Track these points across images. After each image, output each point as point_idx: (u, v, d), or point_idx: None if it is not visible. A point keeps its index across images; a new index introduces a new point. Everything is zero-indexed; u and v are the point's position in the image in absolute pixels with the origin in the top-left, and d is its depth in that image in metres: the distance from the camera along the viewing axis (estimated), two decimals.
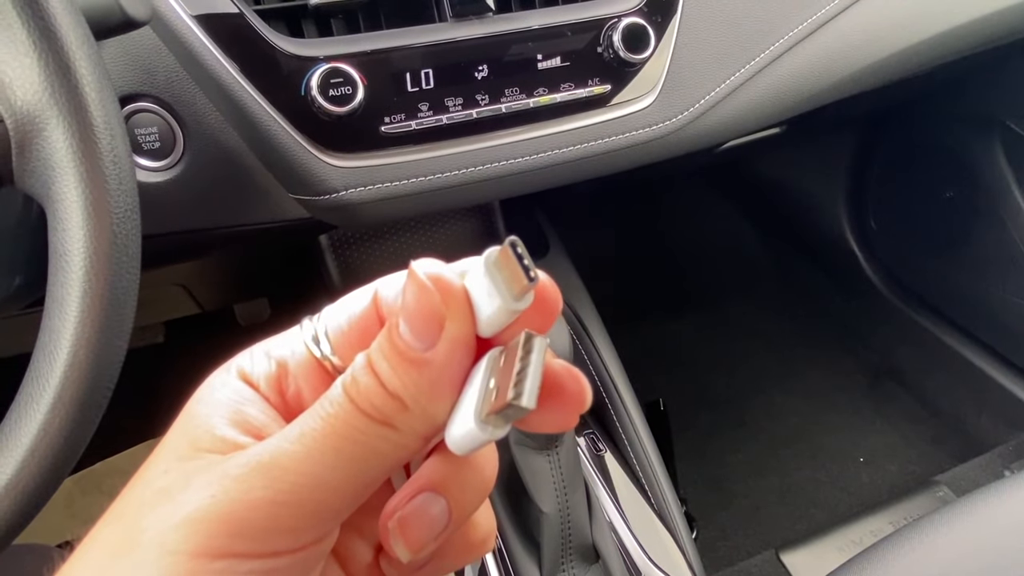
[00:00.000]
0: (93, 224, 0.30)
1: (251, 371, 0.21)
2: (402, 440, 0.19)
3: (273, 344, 0.22)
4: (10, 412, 0.33)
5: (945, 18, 0.69)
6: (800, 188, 1.35)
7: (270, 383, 0.21)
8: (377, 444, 0.19)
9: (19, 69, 0.29)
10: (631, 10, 0.54)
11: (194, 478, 0.19)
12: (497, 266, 0.18)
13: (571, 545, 0.61)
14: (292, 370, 0.21)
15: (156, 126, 0.48)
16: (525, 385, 0.18)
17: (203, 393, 0.21)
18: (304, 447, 0.19)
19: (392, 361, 0.19)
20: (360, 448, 0.19)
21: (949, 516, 0.54)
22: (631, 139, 0.57)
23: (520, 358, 0.18)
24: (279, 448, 0.19)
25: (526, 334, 0.19)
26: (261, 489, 0.18)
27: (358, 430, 0.19)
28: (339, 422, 0.19)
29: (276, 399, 0.21)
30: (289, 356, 0.21)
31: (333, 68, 0.47)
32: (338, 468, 0.19)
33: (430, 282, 0.19)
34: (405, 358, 0.19)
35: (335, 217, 0.54)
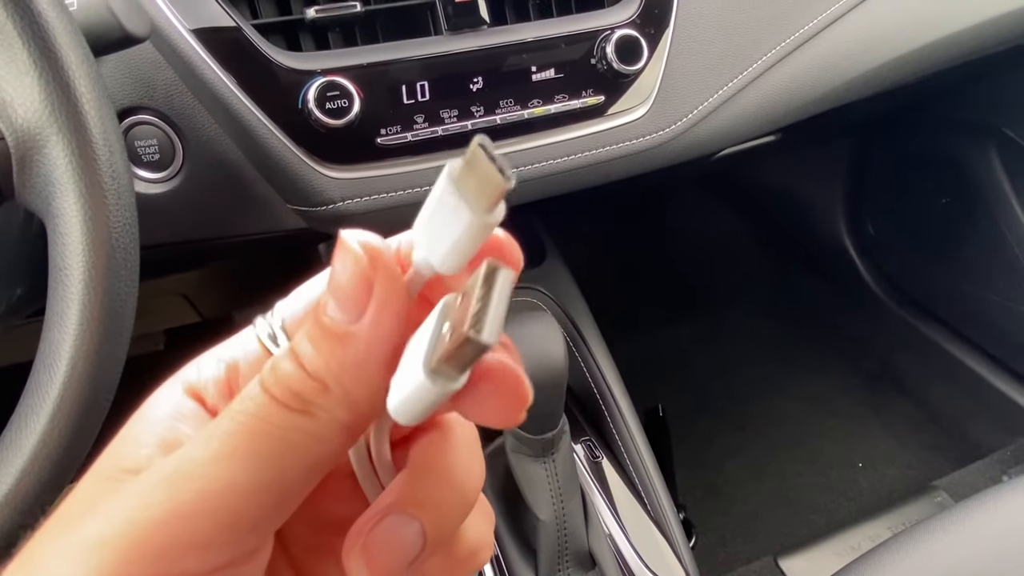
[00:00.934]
0: (92, 238, 0.31)
1: (197, 381, 0.19)
2: (321, 430, 0.17)
3: (224, 348, 0.20)
4: (11, 422, 0.33)
5: (937, 27, 0.70)
6: (798, 195, 1.36)
7: (220, 391, 0.19)
8: (292, 437, 0.17)
9: (20, 88, 0.30)
10: (624, 22, 0.55)
11: (99, 501, 0.17)
12: (465, 170, 0.16)
13: (567, 552, 0.61)
14: (244, 371, 0.19)
15: (155, 138, 0.49)
16: (486, 317, 0.15)
17: (144, 409, 0.19)
18: (210, 450, 0.16)
19: (315, 339, 0.17)
20: (274, 443, 0.17)
21: (947, 521, 0.54)
22: (625, 149, 0.57)
23: (479, 287, 0.16)
24: (184, 455, 0.17)
25: (488, 263, 0.16)
26: (159, 504, 0.16)
27: (271, 423, 0.17)
28: (250, 417, 0.17)
29: (225, 406, 0.19)
30: (241, 357, 0.19)
31: (330, 81, 0.48)
32: (248, 469, 0.16)
33: (359, 247, 0.17)
34: (328, 333, 0.17)
35: (332, 227, 0.55)
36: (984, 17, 0.72)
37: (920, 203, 1.18)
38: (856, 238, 1.29)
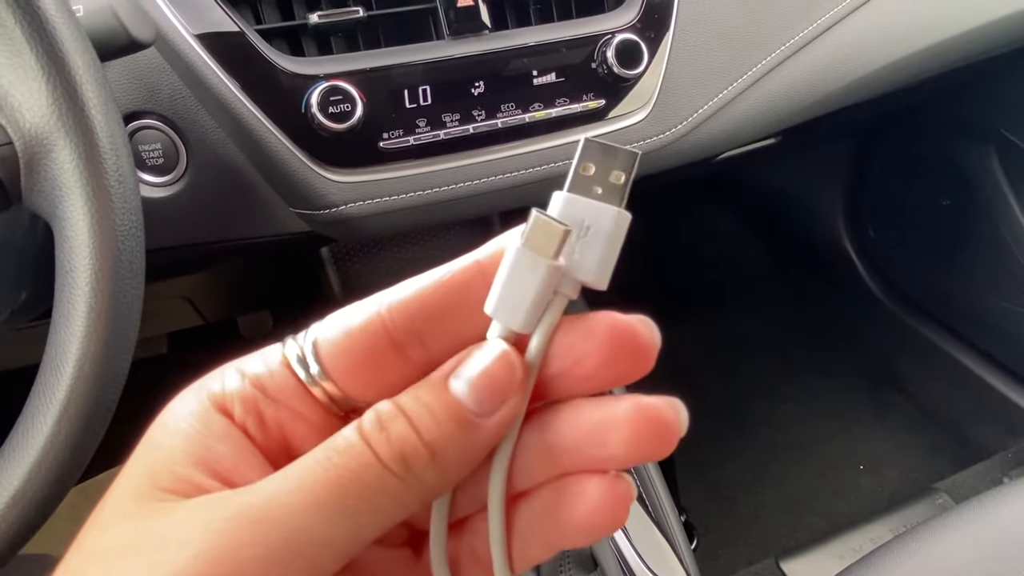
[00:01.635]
0: (98, 242, 0.31)
1: (223, 395, 0.19)
2: (408, 497, 0.18)
3: (249, 363, 0.20)
4: (17, 424, 0.34)
5: (936, 31, 0.70)
6: (798, 197, 1.36)
7: (246, 407, 0.19)
8: (381, 499, 0.17)
9: (27, 93, 0.31)
10: (624, 27, 0.56)
11: (170, 532, 0.17)
12: (533, 236, 0.18)
13: (569, 553, 0.62)
14: (271, 392, 0.19)
15: (160, 142, 0.49)
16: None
17: (167, 420, 0.19)
18: (301, 499, 0.17)
19: (439, 416, 0.18)
20: (363, 503, 0.17)
21: (948, 523, 0.55)
22: None
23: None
24: (272, 499, 0.17)
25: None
26: (251, 547, 0.16)
27: (365, 483, 0.17)
28: (345, 471, 0.17)
29: (253, 426, 0.19)
30: (267, 377, 0.19)
31: (333, 86, 0.48)
32: (334, 524, 0.17)
33: (512, 356, 0.18)
34: (456, 416, 0.18)
35: (335, 231, 0.55)
36: (983, 20, 0.73)
37: (920, 205, 1.18)
38: (856, 240, 1.29)
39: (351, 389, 0.19)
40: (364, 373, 0.19)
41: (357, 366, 0.19)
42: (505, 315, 0.19)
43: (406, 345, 0.19)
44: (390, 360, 0.19)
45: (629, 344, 0.18)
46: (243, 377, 0.19)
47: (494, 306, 0.19)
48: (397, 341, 0.19)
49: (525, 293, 0.18)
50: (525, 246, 0.18)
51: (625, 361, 0.19)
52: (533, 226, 0.18)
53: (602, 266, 0.19)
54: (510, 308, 0.18)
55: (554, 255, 0.18)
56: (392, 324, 0.19)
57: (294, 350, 0.19)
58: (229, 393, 0.19)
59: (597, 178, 0.19)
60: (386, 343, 0.19)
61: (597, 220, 0.19)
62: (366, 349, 0.19)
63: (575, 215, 0.19)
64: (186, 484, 0.18)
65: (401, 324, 0.19)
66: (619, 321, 0.19)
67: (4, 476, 0.33)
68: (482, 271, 0.19)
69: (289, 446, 0.19)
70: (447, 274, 0.19)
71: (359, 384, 0.19)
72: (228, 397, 0.19)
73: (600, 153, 0.19)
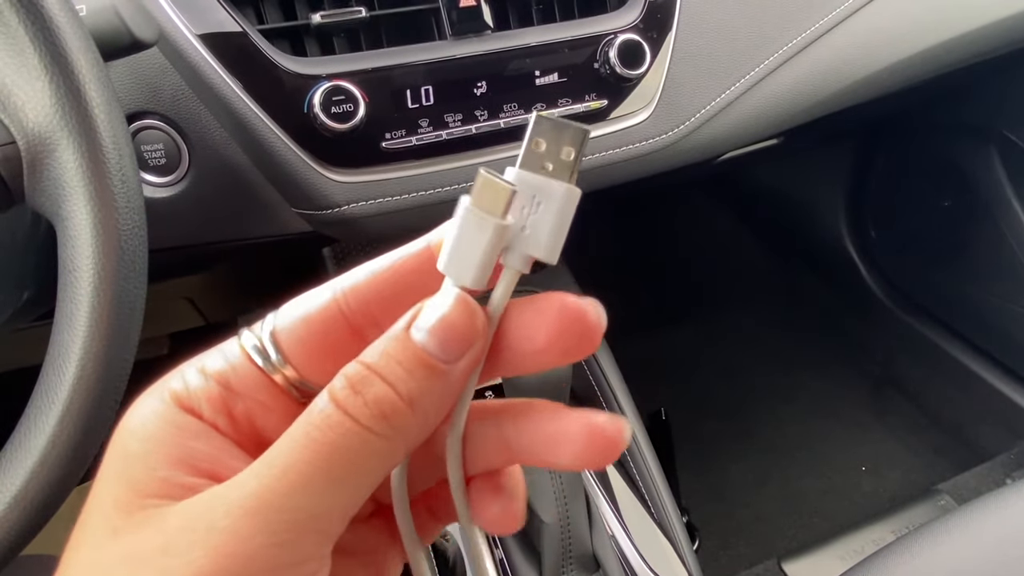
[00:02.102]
0: (102, 241, 0.31)
1: (187, 395, 0.19)
2: (394, 451, 0.18)
3: (208, 360, 0.20)
4: (20, 424, 0.34)
5: (938, 31, 0.70)
6: (800, 198, 1.36)
7: (214, 406, 0.19)
8: (370, 462, 0.18)
9: (31, 92, 0.30)
10: (627, 27, 0.56)
11: (172, 539, 0.17)
12: (481, 195, 0.19)
13: (571, 554, 0.62)
14: (236, 388, 0.19)
15: (162, 143, 0.49)
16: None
17: (133, 426, 0.19)
18: (293, 481, 0.17)
19: (409, 366, 0.18)
20: (355, 468, 0.18)
21: (951, 524, 0.54)
22: (628, 152, 0.58)
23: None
24: (266, 487, 0.17)
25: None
26: (257, 536, 0.17)
27: (353, 451, 0.17)
28: (332, 444, 0.17)
29: (224, 423, 0.19)
30: (231, 373, 0.19)
31: (335, 86, 0.48)
32: (330, 494, 0.17)
33: (470, 301, 0.19)
34: (425, 364, 0.18)
35: (337, 231, 0.55)
36: (985, 21, 0.73)
37: (922, 206, 1.18)
38: (858, 241, 1.29)
39: (312, 374, 0.19)
40: (324, 358, 0.19)
41: (317, 351, 0.19)
42: (456, 272, 0.19)
43: (363, 328, 0.19)
44: (348, 344, 0.19)
45: (577, 323, 0.19)
46: (206, 376, 0.19)
47: (445, 263, 0.19)
48: (354, 325, 0.19)
49: (475, 251, 0.19)
50: (473, 205, 0.19)
51: (573, 339, 0.19)
52: (480, 185, 0.19)
53: (552, 241, 0.19)
54: (461, 265, 0.19)
55: (502, 214, 0.19)
56: (348, 308, 0.19)
57: (251, 340, 0.19)
58: (194, 393, 0.19)
59: (548, 155, 0.20)
60: (343, 327, 0.19)
61: (547, 196, 0.19)
62: (324, 334, 0.19)
63: (526, 191, 0.19)
64: (171, 486, 0.18)
65: (357, 308, 0.19)
66: (570, 301, 0.19)
67: (6, 477, 0.33)
68: (433, 254, 0.20)
69: (261, 436, 0.19)
70: (400, 258, 0.20)
71: (320, 369, 0.19)
72: (193, 397, 0.19)
73: (551, 130, 0.20)
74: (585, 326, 0.19)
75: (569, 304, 0.19)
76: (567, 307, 0.19)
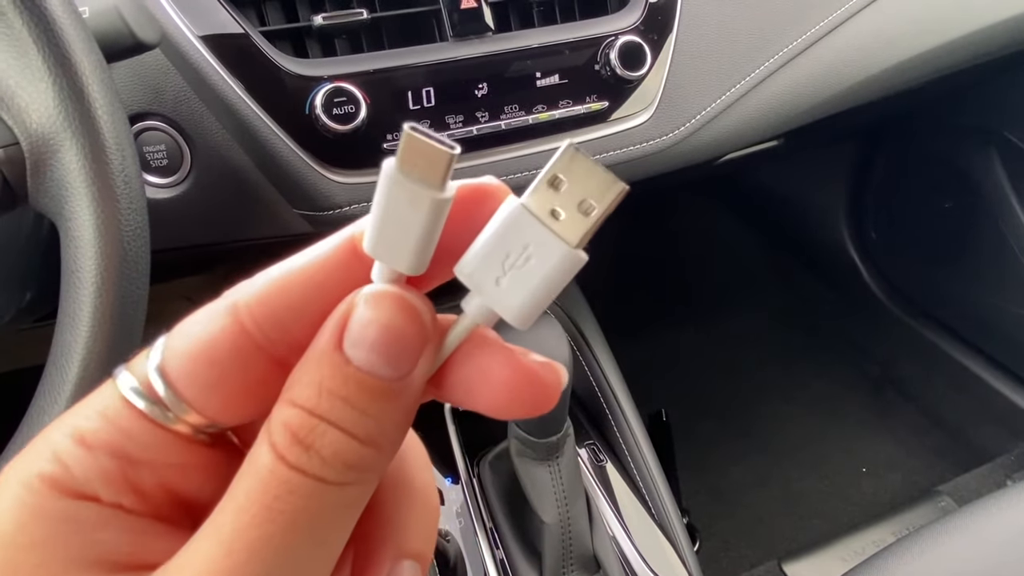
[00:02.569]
0: (104, 242, 0.31)
1: (70, 479, 0.14)
2: (368, 489, 0.15)
3: (85, 425, 0.15)
4: (22, 424, 0.34)
5: (939, 33, 0.70)
6: (801, 199, 1.36)
7: (112, 484, 0.15)
8: (346, 511, 0.15)
9: (35, 93, 0.31)
10: (627, 29, 0.56)
11: None
12: (409, 159, 0.15)
13: (572, 555, 0.62)
14: (136, 456, 0.15)
15: (164, 144, 0.50)
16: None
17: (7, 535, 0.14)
18: (266, 563, 0.14)
19: (359, 402, 0.15)
20: (329, 523, 0.15)
21: (951, 525, 0.55)
22: (629, 153, 0.58)
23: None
24: (233, 574, 0.14)
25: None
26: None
27: (325, 509, 0.14)
28: (299, 511, 0.14)
29: (131, 501, 0.15)
30: (122, 439, 0.15)
31: (337, 87, 0.48)
32: (310, 556, 0.15)
33: (409, 299, 0.15)
34: (377, 393, 0.15)
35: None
36: (985, 23, 0.73)
37: (922, 207, 1.18)
38: (859, 242, 1.29)
39: (224, 417, 0.16)
40: (232, 392, 0.15)
41: (222, 387, 0.15)
42: (388, 255, 0.15)
43: (278, 351, 0.15)
44: (262, 371, 0.15)
45: (528, 390, 0.16)
46: (87, 447, 0.15)
47: (372, 244, 0.15)
48: (264, 347, 0.15)
49: (408, 230, 0.15)
50: (400, 173, 0.15)
51: (520, 406, 0.16)
52: (407, 147, 0.14)
53: (527, 308, 0.16)
54: (392, 247, 0.15)
55: (439, 184, 0.15)
56: (255, 327, 0.15)
57: (130, 383, 0.15)
58: (79, 474, 0.14)
59: (565, 198, 0.15)
60: (252, 351, 0.15)
61: (541, 252, 0.15)
62: (229, 365, 0.15)
63: (518, 234, 0.15)
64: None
65: (266, 325, 0.15)
66: (522, 367, 0.16)
67: None
68: (358, 249, 0.16)
69: (181, 499, 0.16)
70: (314, 257, 0.16)
71: (236, 410, 0.15)
72: (79, 480, 0.14)
73: (582, 170, 0.15)
74: (538, 394, 0.16)
75: (522, 369, 0.16)
76: (520, 371, 0.16)
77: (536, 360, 0.16)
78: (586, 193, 0.15)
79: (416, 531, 0.17)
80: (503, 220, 0.15)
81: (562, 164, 0.15)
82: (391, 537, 0.17)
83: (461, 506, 0.66)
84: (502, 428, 0.63)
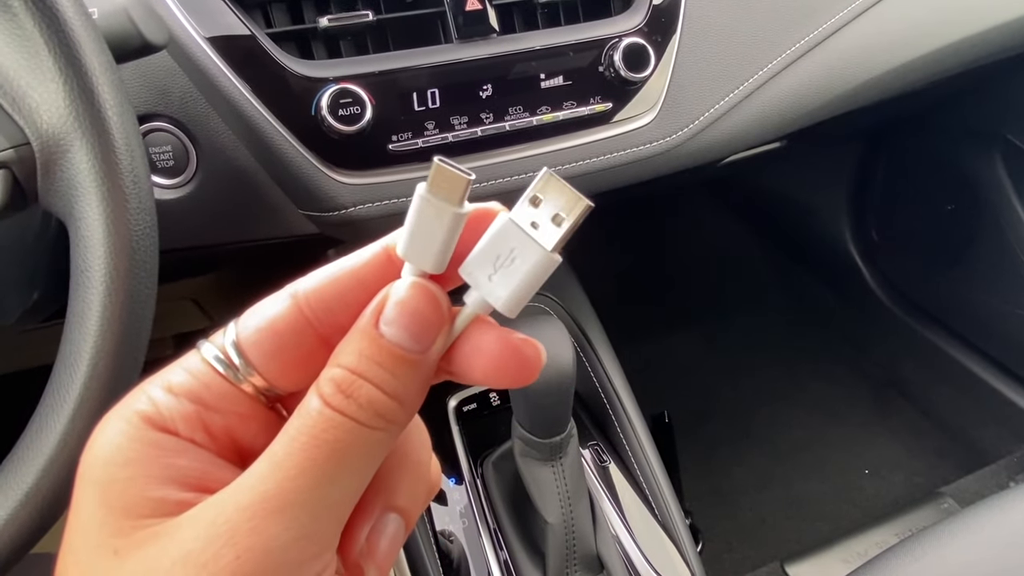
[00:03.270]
0: (113, 241, 0.31)
1: (159, 415, 0.19)
2: (391, 438, 0.19)
3: (174, 377, 0.20)
4: (31, 422, 0.34)
5: (940, 35, 0.70)
6: (803, 201, 1.36)
7: (189, 423, 0.19)
8: (375, 450, 0.19)
9: (45, 94, 0.31)
10: (631, 30, 0.56)
11: (193, 545, 0.17)
12: (437, 183, 0.19)
13: (575, 555, 0.62)
14: (209, 402, 0.19)
15: (170, 145, 0.50)
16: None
17: (106, 453, 0.18)
18: (310, 479, 0.18)
19: (390, 366, 0.19)
20: (360, 458, 0.19)
21: (954, 527, 0.55)
22: (633, 155, 0.58)
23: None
24: (284, 486, 0.18)
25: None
26: (285, 532, 0.17)
27: (357, 445, 0.19)
28: (338, 442, 0.18)
29: (202, 438, 0.19)
30: (201, 388, 0.19)
31: (342, 89, 0.48)
32: (343, 484, 0.19)
33: (431, 288, 0.19)
34: (404, 361, 0.19)
35: (344, 232, 0.55)
36: (987, 25, 0.73)
37: (925, 210, 1.18)
38: (861, 245, 1.30)
39: (278, 380, 0.20)
40: (290, 363, 0.20)
41: (282, 357, 0.20)
42: (416, 257, 0.20)
43: (327, 331, 0.20)
44: (313, 347, 0.20)
45: (513, 360, 0.20)
46: (175, 394, 0.19)
47: (404, 249, 0.20)
48: (318, 329, 0.20)
49: (433, 238, 0.19)
50: (430, 193, 0.19)
51: (508, 375, 0.20)
52: (436, 174, 0.19)
53: (514, 299, 0.20)
54: (420, 251, 0.20)
55: (458, 202, 0.19)
56: (312, 313, 0.20)
57: (212, 352, 0.20)
58: (166, 412, 0.19)
59: (542, 213, 0.19)
60: (307, 332, 0.20)
61: (524, 254, 0.19)
62: (289, 340, 0.20)
63: (506, 241, 0.19)
64: (166, 504, 0.18)
65: (321, 312, 0.20)
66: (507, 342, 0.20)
67: (17, 474, 0.33)
68: (391, 257, 0.20)
69: (239, 445, 0.20)
70: (359, 262, 0.20)
71: (285, 374, 0.20)
72: (166, 417, 0.19)
73: (555, 191, 0.19)
74: (521, 365, 0.20)
75: (508, 344, 0.20)
76: (506, 346, 0.20)
77: (519, 337, 0.20)
78: (558, 208, 0.19)
79: (404, 492, 0.21)
80: (495, 230, 0.20)
81: (540, 186, 0.20)
82: (382, 492, 0.21)
83: (465, 507, 0.67)
84: (506, 429, 0.63)
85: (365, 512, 0.20)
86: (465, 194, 0.19)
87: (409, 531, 0.22)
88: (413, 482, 0.21)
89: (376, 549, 0.20)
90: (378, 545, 0.20)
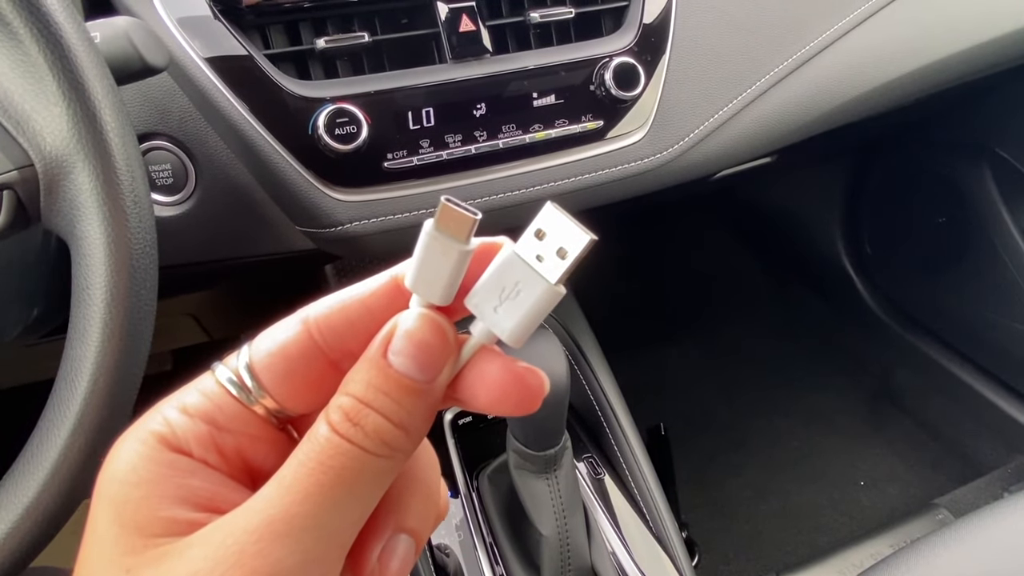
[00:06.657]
0: (114, 260, 0.32)
1: (173, 436, 0.20)
2: (397, 464, 0.20)
3: (188, 398, 0.20)
4: (32, 436, 0.35)
5: (926, 53, 0.71)
6: (796, 214, 1.38)
7: (203, 444, 0.20)
8: (380, 477, 0.20)
9: (49, 117, 0.32)
10: (622, 50, 0.57)
11: (201, 565, 0.18)
12: (444, 221, 0.20)
13: (570, 568, 0.62)
14: (224, 424, 0.20)
15: (169, 163, 0.51)
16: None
17: (120, 472, 0.19)
18: (316, 502, 0.18)
19: (396, 395, 0.19)
20: (366, 485, 0.19)
21: (948, 537, 0.55)
22: (624, 171, 0.59)
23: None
24: (290, 510, 0.18)
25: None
26: (293, 554, 0.18)
27: (363, 471, 0.19)
28: (345, 469, 0.19)
29: (215, 459, 0.20)
30: (215, 410, 0.20)
31: (339, 108, 0.49)
32: (348, 510, 0.19)
33: (438, 320, 0.20)
34: (411, 391, 0.20)
35: (340, 248, 0.56)
36: (973, 42, 0.74)
37: (916, 223, 1.19)
38: (854, 257, 1.31)
39: (289, 403, 0.21)
40: (301, 387, 0.20)
41: (294, 381, 0.20)
42: (424, 290, 0.20)
43: (336, 357, 0.21)
44: (323, 371, 0.21)
45: (516, 389, 0.21)
46: (190, 415, 0.20)
47: (412, 282, 0.20)
48: (328, 354, 0.21)
49: (440, 273, 0.20)
50: (437, 231, 0.20)
51: (511, 403, 0.21)
52: (443, 213, 0.19)
53: (519, 331, 0.20)
54: (428, 284, 0.20)
55: (465, 239, 0.20)
56: (322, 339, 0.20)
57: (226, 374, 0.20)
58: (181, 433, 0.20)
59: (546, 246, 0.20)
60: (318, 357, 0.20)
61: (528, 287, 0.20)
62: (300, 364, 0.20)
63: (511, 273, 0.20)
64: (177, 523, 0.19)
65: (330, 338, 0.20)
66: (511, 371, 0.21)
67: (18, 488, 0.34)
68: (399, 286, 0.21)
69: (251, 467, 0.21)
70: (367, 291, 0.21)
71: (297, 397, 0.21)
72: (180, 437, 0.20)
73: (558, 225, 0.20)
74: (524, 393, 0.21)
75: (512, 372, 0.21)
76: (510, 374, 0.21)
77: (523, 366, 0.21)
78: (562, 242, 0.20)
79: (415, 513, 0.22)
80: (500, 262, 0.20)
81: (544, 219, 0.20)
82: (393, 514, 0.21)
83: (460, 520, 0.67)
84: (500, 442, 0.64)
85: (376, 533, 0.21)
86: (471, 232, 0.20)
87: (419, 553, 0.22)
88: (423, 503, 0.22)
89: (388, 569, 0.21)
90: (389, 566, 0.21)
